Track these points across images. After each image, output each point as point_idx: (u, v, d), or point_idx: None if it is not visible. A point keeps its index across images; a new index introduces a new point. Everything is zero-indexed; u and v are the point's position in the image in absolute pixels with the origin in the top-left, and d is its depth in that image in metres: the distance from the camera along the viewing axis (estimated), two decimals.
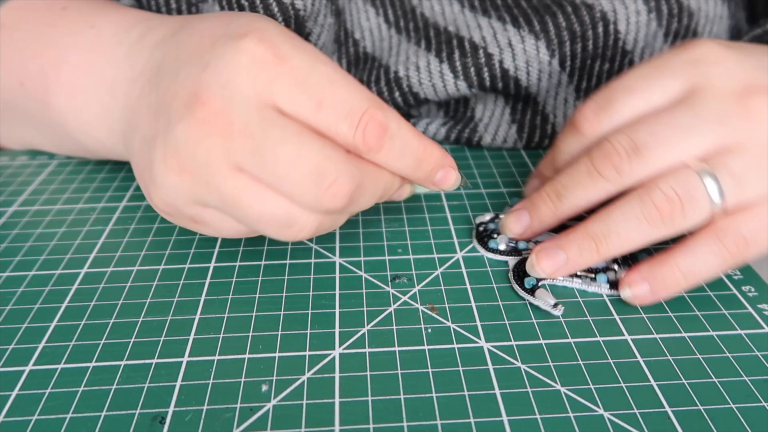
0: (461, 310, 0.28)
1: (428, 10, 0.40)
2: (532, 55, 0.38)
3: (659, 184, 0.26)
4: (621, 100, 0.29)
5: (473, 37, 0.38)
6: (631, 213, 0.27)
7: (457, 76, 0.38)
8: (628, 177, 0.27)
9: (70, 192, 0.37)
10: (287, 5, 0.35)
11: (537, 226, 0.30)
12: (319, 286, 0.29)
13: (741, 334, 0.26)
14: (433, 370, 0.24)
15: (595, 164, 0.28)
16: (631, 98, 0.29)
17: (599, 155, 0.28)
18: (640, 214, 0.26)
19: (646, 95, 0.29)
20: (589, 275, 0.29)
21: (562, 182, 0.29)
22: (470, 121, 0.41)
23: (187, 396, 0.23)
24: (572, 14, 0.37)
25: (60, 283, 0.30)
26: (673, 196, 0.26)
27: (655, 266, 0.27)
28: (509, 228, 0.31)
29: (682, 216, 0.26)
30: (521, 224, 0.30)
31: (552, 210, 0.29)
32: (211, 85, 0.24)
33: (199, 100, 0.24)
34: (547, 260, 0.28)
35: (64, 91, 0.32)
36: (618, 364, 0.25)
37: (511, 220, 0.31)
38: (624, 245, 0.27)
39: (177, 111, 0.25)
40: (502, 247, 0.31)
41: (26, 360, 0.25)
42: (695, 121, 0.27)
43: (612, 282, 0.29)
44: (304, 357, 0.25)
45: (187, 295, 0.29)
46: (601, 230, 0.27)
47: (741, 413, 0.23)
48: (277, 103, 0.24)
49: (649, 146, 0.27)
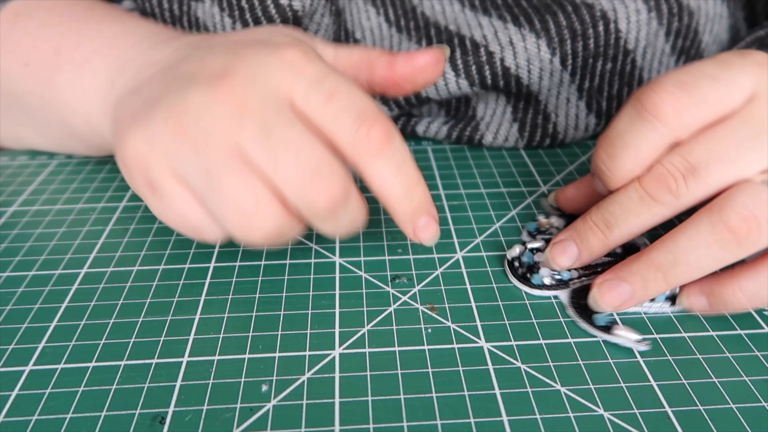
0: (461, 310, 0.28)
1: (428, 10, 0.40)
2: (533, 53, 0.38)
3: (730, 203, 0.24)
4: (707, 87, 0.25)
5: (474, 36, 0.38)
6: (700, 239, 0.24)
7: (458, 75, 0.38)
8: (685, 199, 0.25)
9: (70, 192, 0.37)
10: (285, 7, 0.36)
11: (586, 257, 0.28)
12: (319, 286, 0.29)
13: (741, 334, 0.26)
14: (433, 370, 0.24)
15: (648, 190, 0.26)
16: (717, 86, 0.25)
17: (651, 180, 0.26)
18: (710, 239, 0.24)
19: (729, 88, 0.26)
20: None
21: (611, 210, 0.27)
22: (471, 120, 0.41)
23: (187, 396, 0.23)
24: (572, 13, 0.37)
25: (60, 283, 0.30)
26: (748, 215, 0.24)
27: (716, 285, 0.26)
28: (557, 262, 0.28)
29: (759, 235, 0.24)
30: (569, 257, 0.28)
31: (602, 241, 0.27)
32: (240, 69, 0.25)
33: (225, 77, 0.25)
34: (610, 295, 0.26)
35: (71, 68, 0.33)
36: (618, 364, 0.25)
37: (557, 253, 0.28)
38: (693, 273, 0.25)
39: (198, 81, 0.25)
40: (548, 282, 0.28)
41: (26, 360, 0.25)
42: (755, 133, 0.25)
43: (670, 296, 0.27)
44: (304, 357, 0.25)
45: (187, 295, 0.29)
46: (667, 259, 0.25)
47: (741, 413, 0.23)
48: (294, 99, 0.25)
49: (707, 164, 0.25)
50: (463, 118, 0.42)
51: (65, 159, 0.41)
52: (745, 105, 0.25)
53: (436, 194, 0.36)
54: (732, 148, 0.25)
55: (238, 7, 0.36)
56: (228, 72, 0.25)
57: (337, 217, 0.25)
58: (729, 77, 0.26)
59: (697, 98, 0.25)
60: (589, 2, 0.37)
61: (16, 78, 0.35)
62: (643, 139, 0.26)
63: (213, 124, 0.24)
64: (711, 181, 0.25)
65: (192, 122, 0.24)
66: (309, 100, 0.25)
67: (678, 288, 0.27)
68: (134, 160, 0.25)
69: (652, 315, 0.27)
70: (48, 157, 0.41)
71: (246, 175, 0.24)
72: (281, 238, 0.25)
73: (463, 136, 0.41)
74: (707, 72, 0.26)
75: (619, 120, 0.27)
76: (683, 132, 0.25)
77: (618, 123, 0.27)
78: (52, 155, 0.42)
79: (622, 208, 0.26)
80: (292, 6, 0.36)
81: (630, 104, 0.27)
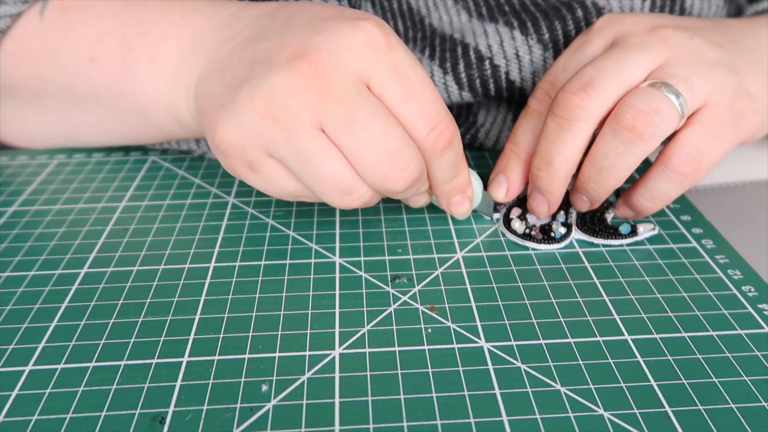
0: (461, 310, 0.28)
1: (437, 21, 0.40)
2: (539, 66, 0.37)
3: (623, 106, 0.28)
4: (561, 76, 0.33)
5: (479, 45, 0.38)
6: (608, 146, 0.29)
7: (462, 88, 0.38)
8: (592, 109, 0.29)
9: (70, 192, 0.37)
10: None
11: (551, 198, 0.31)
12: (319, 286, 0.29)
13: (741, 334, 0.26)
14: (433, 370, 0.24)
15: (560, 114, 0.29)
16: (567, 73, 0.32)
17: (558, 106, 0.30)
18: (615, 142, 0.28)
19: (578, 65, 0.32)
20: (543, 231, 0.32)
21: (543, 148, 0.30)
22: (471, 126, 0.41)
23: (187, 396, 0.23)
24: (582, 20, 0.37)
25: (60, 283, 0.30)
26: (640, 111, 0.28)
27: (629, 196, 0.32)
28: (537, 212, 0.32)
29: (654, 127, 0.28)
30: (542, 203, 0.32)
31: (550, 178, 0.30)
32: (321, 49, 0.26)
33: (306, 57, 0.26)
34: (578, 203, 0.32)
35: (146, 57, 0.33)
36: (618, 363, 0.25)
37: (534, 205, 0.32)
38: (618, 175, 0.29)
39: (278, 62, 0.26)
40: (563, 231, 0.32)
41: (26, 360, 0.25)
42: (625, 50, 0.30)
43: (566, 224, 0.33)
44: (304, 357, 0.25)
45: (187, 295, 0.29)
46: (592, 171, 0.30)
47: (741, 413, 0.23)
48: (371, 83, 0.26)
49: (597, 77, 0.29)
50: (463, 124, 0.42)
51: (65, 159, 0.41)
52: (611, 45, 0.32)
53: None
54: (612, 62, 0.30)
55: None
56: (307, 52, 0.26)
57: (407, 192, 0.28)
58: (574, 60, 0.33)
59: (554, 88, 0.32)
60: (600, 5, 0.37)
61: (82, 75, 0.34)
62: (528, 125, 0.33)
63: (299, 108, 0.25)
64: (606, 88, 0.29)
65: (278, 107, 0.26)
66: (387, 91, 0.27)
67: (566, 216, 0.33)
68: (230, 147, 0.27)
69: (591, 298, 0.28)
70: (48, 157, 0.41)
71: (334, 153, 0.26)
72: (368, 204, 0.28)
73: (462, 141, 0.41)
74: (558, 66, 0.33)
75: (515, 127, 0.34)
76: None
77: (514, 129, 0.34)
78: (51, 155, 0.42)
79: (549, 140, 0.30)
80: None
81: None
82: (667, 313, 0.27)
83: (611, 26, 0.32)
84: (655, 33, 0.31)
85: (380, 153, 0.26)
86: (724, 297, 0.28)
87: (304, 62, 0.26)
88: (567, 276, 0.30)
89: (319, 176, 0.26)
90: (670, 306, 0.28)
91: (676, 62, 0.29)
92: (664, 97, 0.28)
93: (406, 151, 0.26)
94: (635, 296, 0.28)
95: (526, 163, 0.33)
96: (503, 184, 0.33)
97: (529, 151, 0.33)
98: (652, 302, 0.28)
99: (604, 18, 0.33)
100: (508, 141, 0.34)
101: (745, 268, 0.30)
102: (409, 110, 0.27)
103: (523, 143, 0.33)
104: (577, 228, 0.33)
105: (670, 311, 0.27)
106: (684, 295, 0.28)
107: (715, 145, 0.30)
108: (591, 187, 0.30)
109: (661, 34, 0.30)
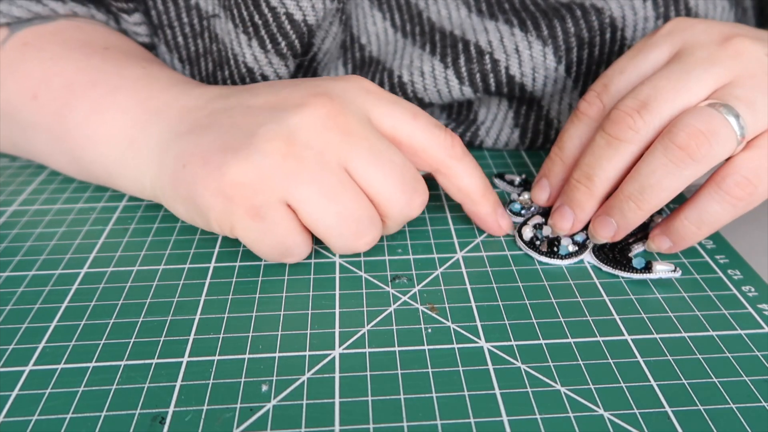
0: (461, 310, 0.28)
1: (435, 15, 0.40)
2: (539, 61, 0.37)
3: (678, 125, 0.27)
4: (616, 80, 0.31)
5: (479, 42, 0.38)
6: (657, 163, 0.27)
7: (462, 82, 0.38)
8: (645, 132, 0.28)
9: (70, 191, 0.37)
10: (299, 22, 0.35)
11: (581, 214, 0.30)
12: (319, 286, 0.29)
13: (741, 334, 0.26)
14: (433, 370, 0.24)
15: (610, 132, 0.29)
16: (624, 77, 0.31)
17: (611, 123, 0.29)
18: (665, 160, 0.27)
19: (638, 71, 0.30)
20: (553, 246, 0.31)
21: (587, 162, 0.29)
22: (472, 124, 0.41)
23: (187, 396, 0.23)
24: (581, 19, 0.37)
25: (60, 283, 0.30)
26: (695, 131, 0.26)
27: (670, 222, 0.29)
28: (558, 227, 0.31)
29: (709, 149, 0.26)
30: (568, 219, 0.31)
31: (588, 194, 0.30)
32: (330, 89, 0.28)
33: (320, 97, 0.27)
34: (602, 229, 0.30)
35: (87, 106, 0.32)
36: (618, 364, 0.25)
37: (557, 219, 0.31)
38: (661, 195, 0.27)
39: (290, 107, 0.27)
40: (572, 249, 0.31)
41: (26, 360, 0.25)
42: (688, 67, 0.28)
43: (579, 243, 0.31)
44: (304, 357, 0.25)
45: (187, 295, 0.29)
46: (634, 188, 0.28)
47: (741, 413, 0.23)
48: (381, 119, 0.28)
49: (654, 98, 0.28)
50: (464, 122, 0.42)
51: None
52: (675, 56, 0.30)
53: (436, 194, 0.36)
54: (671, 82, 0.28)
55: (252, 23, 0.35)
56: (320, 92, 0.27)
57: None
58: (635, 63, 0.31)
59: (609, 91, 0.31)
60: (599, 6, 0.37)
61: (23, 110, 0.34)
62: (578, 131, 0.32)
63: (325, 147, 0.26)
64: (662, 111, 0.28)
65: (301, 146, 0.26)
66: (396, 119, 0.28)
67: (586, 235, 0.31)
68: (240, 189, 0.26)
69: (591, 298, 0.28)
70: None
71: (358, 192, 0.27)
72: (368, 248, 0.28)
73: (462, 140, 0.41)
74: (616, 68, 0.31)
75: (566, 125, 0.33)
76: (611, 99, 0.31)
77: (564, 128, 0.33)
78: None
79: (595, 156, 0.29)
80: (306, 21, 0.35)
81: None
82: (667, 313, 0.27)
83: (680, 32, 0.30)
84: (728, 45, 0.28)
85: (404, 181, 0.27)
86: (724, 297, 0.28)
87: (320, 101, 0.27)
88: (567, 276, 0.30)
89: (342, 214, 0.26)
90: (670, 306, 0.28)
91: (743, 82, 0.28)
92: (722, 118, 0.26)
93: (417, 176, 0.28)
94: (635, 296, 0.28)
95: (569, 170, 0.32)
96: (546, 188, 0.33)
97: (574, 157, 0.32)
98: (651, 302, 0.28)
99: (674, 22, 0.31)
100: (554, 145, 0.33)
101: (745, 268, 0.30)
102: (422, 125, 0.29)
103: (568, 149, 0.32)
104: (592, 252, 0.31)
105: (670, 311, 0.27)
106: (684, 295, 0.28)
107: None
108: (629, 206, 0.28)
109: (734, 47, 0.28)
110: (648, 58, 0.30)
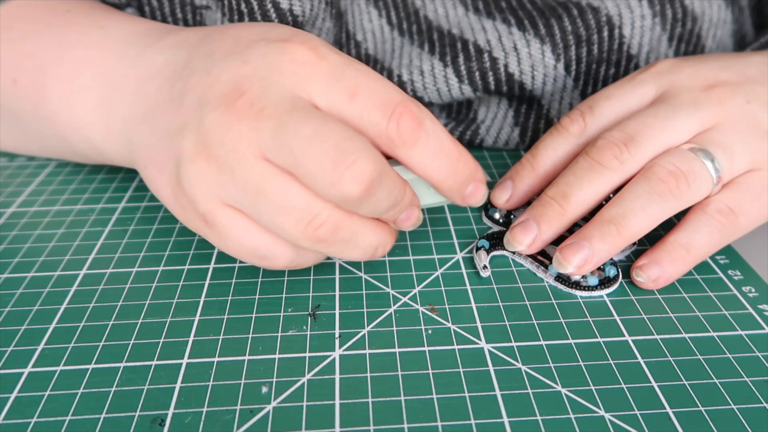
0: (461, 311, 0.27)
1: (432, 13, 0.40)
2: (538, 59, 0.37)
3: (660, 162, 0.28)
4: (602, 104, 0.32)
5: (478, 41, 0.38)
6: (641, 190, 0.28)
7: (461, 81, 0.38)
8: (629, 164, 0.29)
9: (69, 193, 0.37)
10: (285, 11, 0.35)
11: (546, 233, 0.29)
12: (318, 287, 0.29)
13: (741, 334, 0.26)
14: (434, 371, 0.24)
15: (594, 157, 0.29)
16: (610, 103, 0.32)
17: (596, 149, 0.29)
18: (650, 190, 0.28)
19: (623, 101, 0.32)
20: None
21: (566, 181, 0.29)
22: (472, 122, 0.41)
23: (187, 398, 0.23)
24: (578, 18, 0.37)
25: (59, 285, 0.29)
26: (676, 170, 0.28)
27: (658, 247, 0.29)
28: (518, 240, 0.29)
29: (687, 188, 0.28)
30: (530, 234, 0.29)
31: (560, 212, 0.29)
32: (252, 77, 0.24)
33: (239, 91, 0.24)
34: (573, 255, 0.28)
35: (60, 87, 0.32)
36: (619, 365, 0.25)
37: (519, 233, 0.29)
38: (642, 222, 0.28)
39: (210, 100, 0.25)
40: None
41: (25, 362, 0.25)
42: (674, 109, 0.30)
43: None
44: (304, 358, 0.25)
45: (187, 296, 0.29)
46: (617, 212, 0.28)
47: (742, 414, 0.23)
48: (313, 98, 0.24)
49: (641, 133, 0.29)
50: (463, 120, 0.42)
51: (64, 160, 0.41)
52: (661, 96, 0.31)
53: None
54: (658, 121, 0.29)
55: (238, 12, 0.35)
56: (240, 84, 0.24)
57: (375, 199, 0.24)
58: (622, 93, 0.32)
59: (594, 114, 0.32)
60: (595, 6, 0.37)
61: (8, 95, 0.34)
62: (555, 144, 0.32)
63: (235, 143, 0.24)
64: (647, 147, 0.29)
65: (217, 146, 0.24)
66: (331, 101, 0.24)
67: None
68: (177, 205, 0.26)
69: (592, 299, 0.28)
70: (46, 158, 0.41)
71: (284, 179, 0.24)
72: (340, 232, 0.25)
73: (463, 139, 0.41)
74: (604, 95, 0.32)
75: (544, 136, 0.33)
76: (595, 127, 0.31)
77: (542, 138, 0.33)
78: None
79: (576, 176, 0.29)
80: (292, 11, 0.35)
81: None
82: (668, 313, 0.27)
83: (668, 74, 0.31)
84: (711, 92, 0.30)
85: (319, 155, 0.23)
86: (725, 297, 0.28)
87: (237, 96, 0.24)
88: None
89: (273, 208, 0.24)
90: (671, 307, 0.28)
91: (724, 128, 0.29)
92: (700, 162, 0.28)
93: (348, 145, 0.23)
94: (635, 297, 0.28)
95: (537, 179, 0.32)
96: (508, 190, 0.32)
97: (545, 167, 0.32)
98: (652, 303, 0.28)
99: (665, 63, 0.32)
100: (528, 152, 0.33)
101: (746, 268, 0.30)
102: (358, 107, 0.24)
103: (541, 157, 0.32)
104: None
105: (671, 312, 0.27)
106: (684, 295, 0.28)
107: (756, 206, 0.29)
108: (609, 230, 0.27)
109: (716, 95, 0.30)
110: (635, 92, 0.32)
